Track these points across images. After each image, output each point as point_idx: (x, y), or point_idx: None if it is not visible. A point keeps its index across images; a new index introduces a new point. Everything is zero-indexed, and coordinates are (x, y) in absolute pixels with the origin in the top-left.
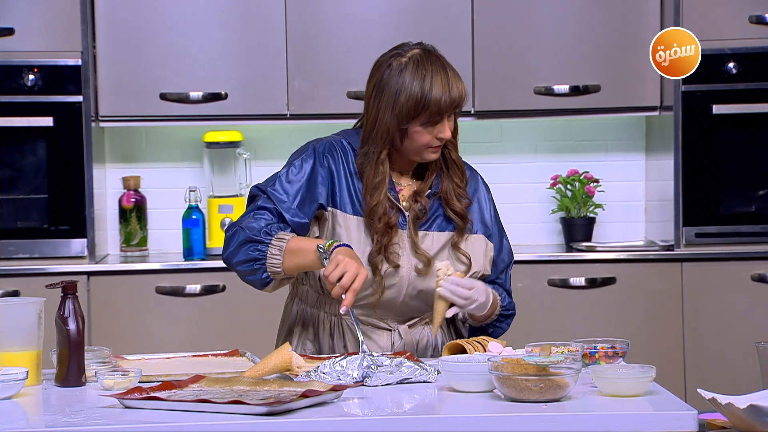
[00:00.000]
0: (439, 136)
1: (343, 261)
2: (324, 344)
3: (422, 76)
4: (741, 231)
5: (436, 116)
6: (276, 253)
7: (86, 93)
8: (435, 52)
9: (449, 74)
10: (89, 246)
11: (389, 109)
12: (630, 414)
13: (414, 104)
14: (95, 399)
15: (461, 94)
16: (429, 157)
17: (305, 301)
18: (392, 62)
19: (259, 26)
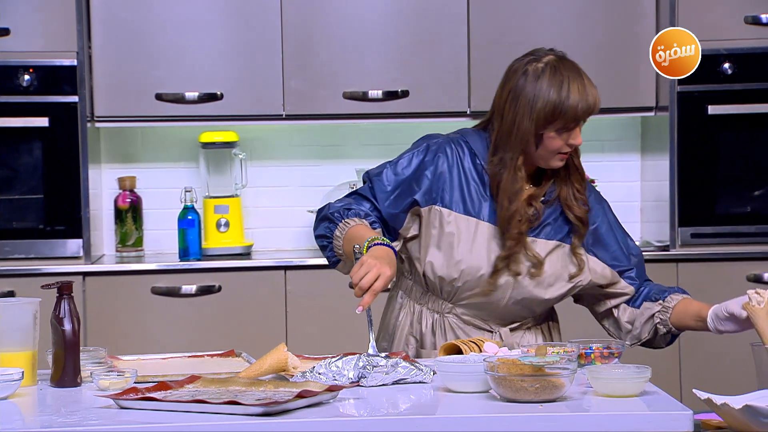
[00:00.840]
0: (570, 142)
1: (367, 261)
2: (426, 340)
3: (559, 83)
4: (737, 231)
5: (572, 122)
6: (339, 235)
7: (82, 93)
8: (568, 58)
9: (585, 81)
10: (85, 246)
11: (527, 115)
12: (626, 414)
13: (551, 110)
14: (91, 399)
15: (596, 101)
16: (555, 164)
17: (409, 295)
18: (528, 68)
19: (255, 27)
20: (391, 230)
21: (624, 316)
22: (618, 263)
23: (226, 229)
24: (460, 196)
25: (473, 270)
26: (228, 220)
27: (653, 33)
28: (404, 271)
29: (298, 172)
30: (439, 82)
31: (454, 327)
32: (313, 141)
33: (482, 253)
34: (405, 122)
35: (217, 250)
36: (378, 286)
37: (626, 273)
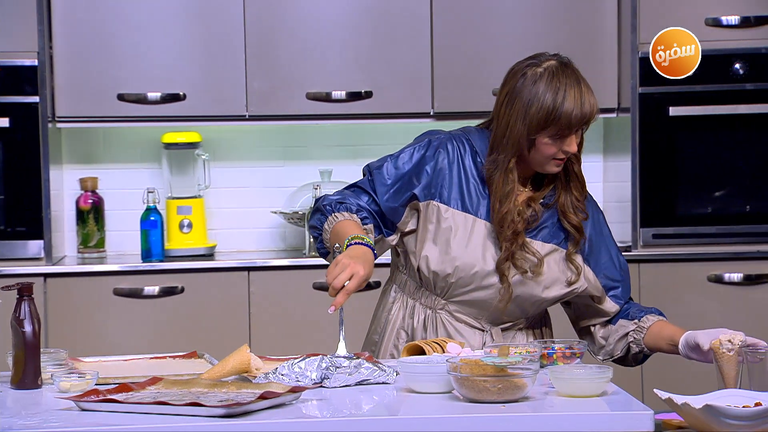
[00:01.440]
0: (564, 149)
1: (342, 261)
2: (417, 335)
3: (556, 89)
4: (698, 232)
5: (566, 130)
6: (327, 228)
7: (43, 93)
8: (571, 65)
9: (583, 89)
10: (46, 247)
11: (520, 118)
12: (587, 414)
13: (545, 116)
14: (51, 401)
15: (593, 110)
16: (551, 170)
17: (403, 289)
18: (527, 71)
19: (218, 27)
20: (388, 223)
21: (599, 332)
22: (608, 276)
23: (189, 230)
24: (458, 193)
25: (468, 267)
26: (191, 221)
27: (615, 35)
28: (399, 265)
29: (261, 173)
30: (403, 83)
31: (446, 323)
32: (276, 142)
33: (478, 250)
34: (368, 123)
35: (179, 251)
36: (351, 287)
37: (613, 290)
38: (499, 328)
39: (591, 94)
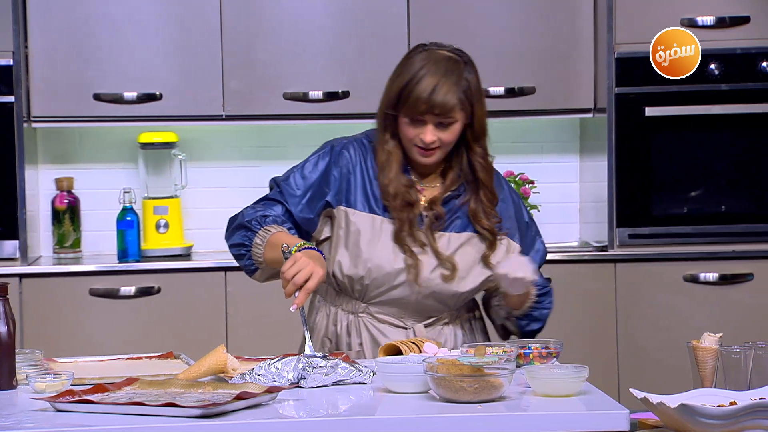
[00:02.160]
0: (420, 136)
1: (300, 259)
2: (342, 341)
3: (417, 71)
4: (673, 232)
5: (415, 113)
6: (259, 243)
7: (18, 93)
8: (459, 62)
9: (443, 81)
10: (21, 248)
11: (387, 91)
12: (563, 414)
13: (397, 92)
14: (26, 402)
15: (445, 102)
16: (418, 158)
17: (325, 298)
18: (416, 51)
19: (195, 27)
20: (304, 234)
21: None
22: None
23: (165, 230)
24: (363, 195)
25: (379, 267)
26: (167, 221)
27: (592, 35)
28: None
29: (238, 173)
30: (380, 83)
31: (369, 327)
32: (253, 142)
33: (387, 249)
34: (346, 123)
35: (156, 252)
36: (311, 285)
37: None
38: (422, 325)
39: (452, 91)
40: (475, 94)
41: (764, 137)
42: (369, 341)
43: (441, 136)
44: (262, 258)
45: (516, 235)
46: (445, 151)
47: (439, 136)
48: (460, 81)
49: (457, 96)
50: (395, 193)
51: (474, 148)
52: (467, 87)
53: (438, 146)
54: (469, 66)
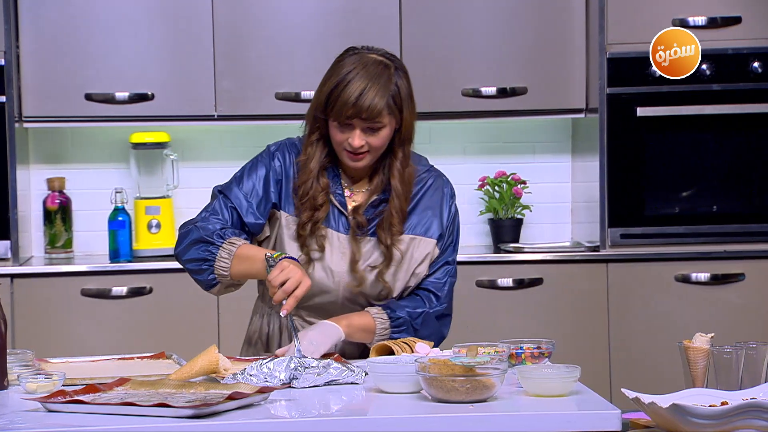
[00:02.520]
0: (348, 141)
1: (288, 267)
2: (273, 342)
3: (346, 73)
4: (665, 232)
5: (342, 117)
6: (225, 256)
7: (10, 93)
8: (389, 66)
9: (371, 86)
10: (13, 248)
11: (317, 93)
12: (555, 414)
13: (326, 95)
14: (18, 403)
15: (372, 107)
16: (347, 162)
17: (263, 300)
18: (347, 54)
19: (187, 26)
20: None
21: None
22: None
23: (157, 231)
24: (293, 198)
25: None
26: (159, 221)
27: (584, 35)
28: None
29: (230, 173)
30: None
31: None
32: (245, 142)
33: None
34: None
35: (148, 252)
36: (300, 293)
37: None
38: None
39: (379, 95)
40: (405, 99)
41: (756, 137)
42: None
43: (369, 140)
44: (227, 272)
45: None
46: (375, 156)
47: (368, 141)
48: (389, 85)
49: (385, 101)
50: (304, 193)
51: (396, 153)
52: (396, 92)
53: (367, 150)
54: (399, 71)
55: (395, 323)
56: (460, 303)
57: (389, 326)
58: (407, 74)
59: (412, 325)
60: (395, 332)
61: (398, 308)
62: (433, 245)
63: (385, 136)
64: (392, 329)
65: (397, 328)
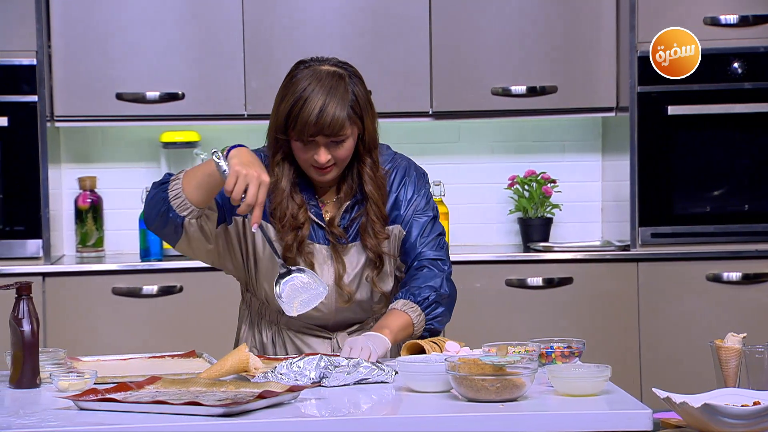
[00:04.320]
0: (314, 157)
1: (242, 173)
2: (268, 352)
3: (302, 91)
4: (696, 231)
5: (304, 136)
6: (177, 185)
7: (41, 93)
8: (344, 76)
9: (329, 100)
10: (44, 247)
11: (273, 114)
12: (586, 413)
13: (285, 116)
14: (50, 401)
15: (334, 122)
16: (315, 178)
17: (249, 307)
18: (297, 69)
19: (216, 26)
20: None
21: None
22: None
23: None
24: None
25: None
26: None
27: (614, 34)
28: (246, 281)
29: None
30: (402, 82)
31: (293, 338)
32: None
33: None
34: None
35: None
36: (262, 198)
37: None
38: (345, 333)
39: (340, 108)
40: (364, 106)
41: None
42: (294, 352)
43: (335, 153)
44: (183, 196)
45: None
46: (342, 167)
47: (333, 154)
48: (347, 96)
49: (346, 112)
50: (282, 214)
51: (364, 159)
52: (354, 101)
53: (333, 164)
54: (354, 78)
55: (425, 304)
56: (489, 302)
57: (421, 311)
58: (362, 79)
59: (440, 294)
60: (430, 312)
61: (418, 290)
62: (398, 231)
63: (350, 147)
64: (426, 311)
65: (430, 307)
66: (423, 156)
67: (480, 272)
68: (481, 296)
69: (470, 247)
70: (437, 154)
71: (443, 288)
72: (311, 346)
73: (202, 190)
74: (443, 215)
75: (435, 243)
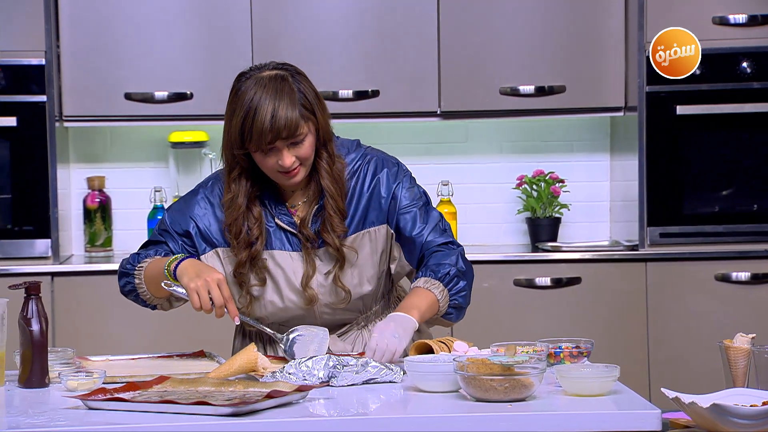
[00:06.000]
0: (279, 162)
1: (196, 286)
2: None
3: (249, 101)
4: (704, 231)
5: (262, 144)
6: (139, 282)
7: (50, 93)
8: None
9: (278, 103)
10: (53, 246)
11: (225, 131)
12: (594, 413)
13: (239, 130)
14: (59, 400)
15: (288, 123)
16: (284, 182)
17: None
18: (240, 81)
19: (225, 26)
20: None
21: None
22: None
23: None
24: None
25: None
26: None
27: (622, 34)
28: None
29: None
30: (410, 82)
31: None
32: None
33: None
34: (375, 122)
35: None
36: (227, 293)
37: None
38: (335, 335)
39: (291, 109)
40: (314, 101)
41: None
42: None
43: (297, 154)
44: (150, 294)
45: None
46: (308, 166)
47: (296, 155)
48: (294, 96)
49: (297, 111)
50: (237, 231)
51: (320, 154)
52: (304, 99)
53: (299, 164)
54: (296, 76)
55: (447, 280)
56: (498, 302)
57: (444, 287)
58: (305, 76)
59: (458, 270)
60: (452, 287)
61: (437, 267)
62: (385, 230)
63: (311, 144)
64: (449, 287)
65: (452, 282)
66: (431, 156)
67: (488, 272)
68: (490, 296)
69: (478, 247)
70: (445, 154)
71: (459, 264)
72: None
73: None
74: (451, 215)
75: (437, 229)
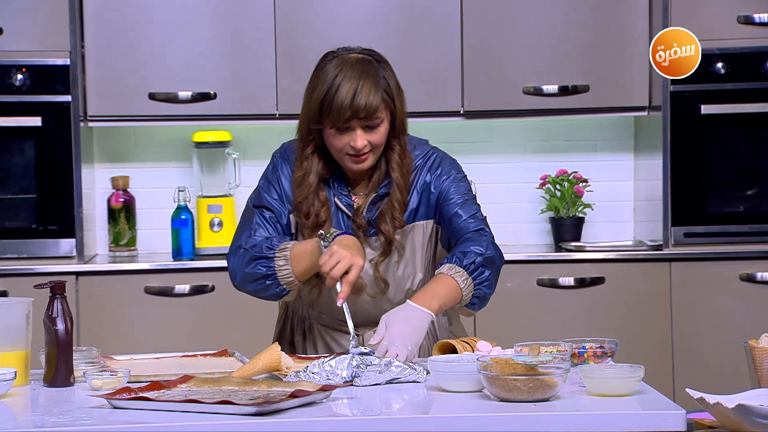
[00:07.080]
0: (351, 144)
1: (337, 251)
2: (298, 348)
3: (333, 78)
4: (729, 231)
5: (338, 120)
6: (283, 264)
7: (75, 93)
8: (372, 61)
9: (361, 84)
10: (78, 246)
11: (305, 105)
12: (618, 413)
13: (318, 104)
14: (83, 399)
15: (368, 105)
16: (350, 166)
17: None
18: (325, 60)
19: (248, 26)
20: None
21: None
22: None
23: (219, 229)
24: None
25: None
26: (221, 219)
27: (646, 33)
28: None
29: None
30: (433, 82)
31: (322, 332)
32: None
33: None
34: None
35: (210, 250)
36: (351, 277)
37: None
38: (372, 331)
39: (373, 91)
40: (395, 90)
41: None
42: (323, 349)
43: (370, 139)
44: (292, 277)
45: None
46: (378, 154)
47: (369, 140)
48: (378, 80)
49: (380, 95)
50: (306, 211)
51: (393, 145)
52: (386, 85)
53: (369, 150)
54: (383, 64)
55: (471, 269)
56: (521, 302)
57: (468, 275)
58: (390, 66)
59: (485, 258)
60: (477, 277)
61: (463, 254)
62: (432, 224)
63: (384, 132)
64: (473, 275)
65: (477, 271)
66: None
67: (511, 272)
68: (513, 296)
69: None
70: (468, 153)
71: (488, 251)
72: (340, 343)
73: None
74: None
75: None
